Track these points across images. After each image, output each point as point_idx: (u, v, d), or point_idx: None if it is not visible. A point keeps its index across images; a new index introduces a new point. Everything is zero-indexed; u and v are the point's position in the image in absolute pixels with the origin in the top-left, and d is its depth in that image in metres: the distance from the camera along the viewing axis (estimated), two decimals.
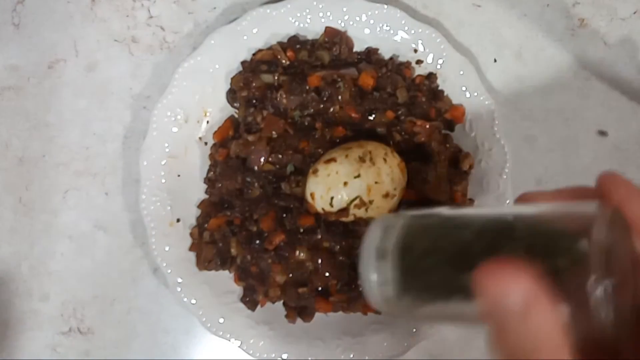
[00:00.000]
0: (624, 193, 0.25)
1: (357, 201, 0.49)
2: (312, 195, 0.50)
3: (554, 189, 0.26)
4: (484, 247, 0.24)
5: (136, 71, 0.58)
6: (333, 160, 0.50)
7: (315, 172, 0.50)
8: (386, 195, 0.49)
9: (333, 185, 0.49)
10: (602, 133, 0.58)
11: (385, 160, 0.50)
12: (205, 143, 0.56)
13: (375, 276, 0.27)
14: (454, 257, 0.25)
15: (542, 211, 0.25)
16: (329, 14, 0.56)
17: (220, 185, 0.54)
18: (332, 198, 0.49)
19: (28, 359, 0.55)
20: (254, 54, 0.56)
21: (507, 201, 0.53)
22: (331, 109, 0.53)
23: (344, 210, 0.49)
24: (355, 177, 0.49)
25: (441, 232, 0.26)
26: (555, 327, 0.21)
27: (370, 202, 0.49)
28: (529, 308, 0.21)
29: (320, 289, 0.52)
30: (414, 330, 0.52)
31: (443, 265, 0.25)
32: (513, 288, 0.21)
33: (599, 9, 0.60)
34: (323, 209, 0.50)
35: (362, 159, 0.49)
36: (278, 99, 0.53)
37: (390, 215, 0.29)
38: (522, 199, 0.27)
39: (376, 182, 0.49)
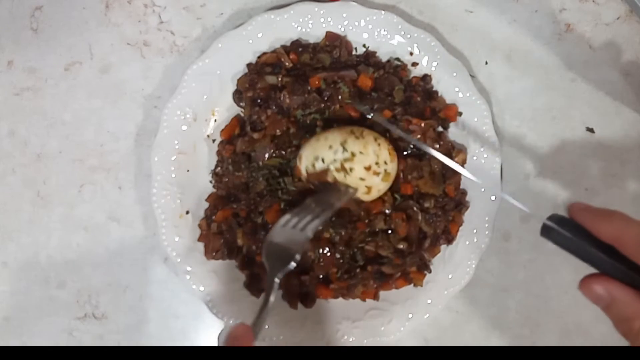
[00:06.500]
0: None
1: (337, 164, 0.50)
2: (299, 157, 0.52)
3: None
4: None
5: (148, 73, 0.60)
6: (327, 131, 0.52)
7: (307, 140, 0.52)
8: (369, 169, 0.50)
9: (319, 148, 0.51)
10: (590, 130, 0.60)
11: (375, 139, 0.51)
12: (213, 140, 0.58)
13: None
14: None
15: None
16: (329, 19, 0.57)
17: (227, 179, 0.56)
18: (315, 158, 0.51)
19: (46, 342, 0.58)
20: (259, 57, 0.57)
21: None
22: (331, 108, 0.55)
23: (325, 171, 0.50)
24: (341, 144, 0.50)
25: None
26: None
27: (351, 169, 0.50)
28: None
29: (321, 276, 0.54)
30: (410, 315, 0.55)
31: None
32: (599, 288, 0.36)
33: (584, 15, 0.61)
34: (306, 169, 0.51)
35: (352, 132, 0.51)
36: (281, 99, 0.54)
37: None
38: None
39: (361, 152, 0.50)
